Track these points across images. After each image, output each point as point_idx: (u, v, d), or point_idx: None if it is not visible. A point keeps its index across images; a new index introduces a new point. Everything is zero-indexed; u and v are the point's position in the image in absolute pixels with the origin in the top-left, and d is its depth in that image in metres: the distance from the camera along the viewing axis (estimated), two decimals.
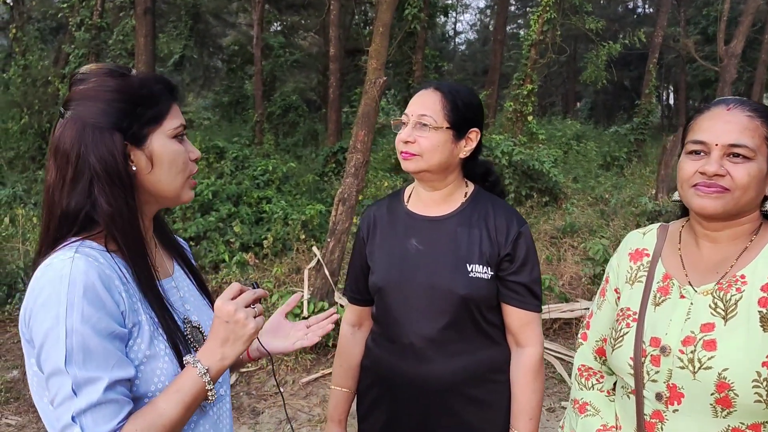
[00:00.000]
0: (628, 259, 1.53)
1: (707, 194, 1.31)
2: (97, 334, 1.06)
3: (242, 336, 1.18)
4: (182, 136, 1.27)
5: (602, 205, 9.60)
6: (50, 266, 1.10)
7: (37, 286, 1.09)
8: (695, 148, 1.34)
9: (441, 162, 1.69)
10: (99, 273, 1.10)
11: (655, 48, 15.51)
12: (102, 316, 1.07)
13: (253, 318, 1.18)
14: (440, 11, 16.10)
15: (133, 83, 1.20)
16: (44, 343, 1.06)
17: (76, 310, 1.05)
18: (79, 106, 1.17)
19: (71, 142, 1.15)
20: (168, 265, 1.37)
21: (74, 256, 1.10)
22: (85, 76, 1.20)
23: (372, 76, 4.93)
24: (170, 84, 1.27)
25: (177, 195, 1.26)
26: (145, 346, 1.15)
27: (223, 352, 1.18)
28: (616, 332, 1.46)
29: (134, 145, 1.19)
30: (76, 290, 1.06)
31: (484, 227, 1.73)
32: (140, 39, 6.59)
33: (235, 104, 20.49)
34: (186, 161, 1.26)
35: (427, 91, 1.74)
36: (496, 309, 1.75)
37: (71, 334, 1.04)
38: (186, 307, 1.33)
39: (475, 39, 36.34)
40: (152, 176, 1.21)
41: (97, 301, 1.08)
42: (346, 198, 5.01)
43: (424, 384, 1.72)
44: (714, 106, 1.36)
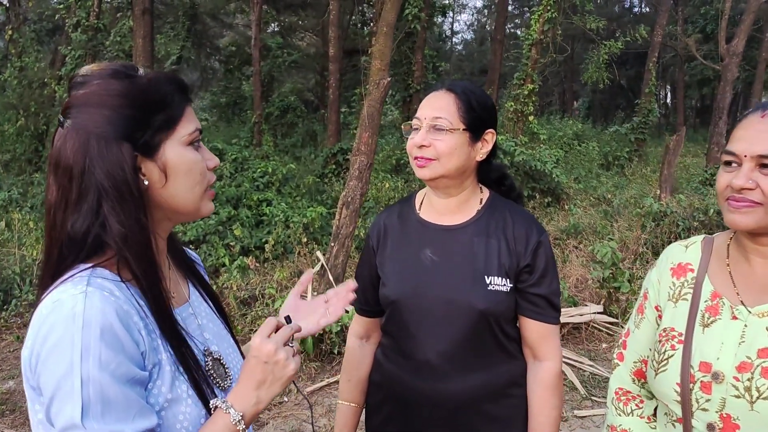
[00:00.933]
0: (670, 274, 1.43)
1: (737, 209, 1.22)
2: (116, 382, 0.93)
3: (281, 377, 1.06)
4: (198, 142, 1.13)
5: (605, 205, 9.53)
6: (60, 302, 0.95)
7: (45, 326, 0.94)
8: (727, 159, 1.25)
9: (458, 166, 1.60)
10: (116, 310, 0.96)
11: (655, 47, 15.44)
12: (122, 360, 0.94)
13: (292, 358, 1.07)
14: (438, 11, 16.01)
15: (141, 85, 1.06)
16: (56, 394, 0.92)
17: (92, 355, 0.91)
18: (81, 114, 1.02)
19: (74, 155, 1.01)
20: (183, 288, 1.24)
21: (87, 290, 0.95)
22: (87, 79, 1.05)
23: (376, 76, 4.83)
24: (183, 84, 1.13)
25: (195, 209, 1.12)
26: (166, 388, 1.03)
27: (259, 396, 1.05)
28: (660, 354, 1.36)
29: (145, 156, 1.05)
30: (92, 332, 0.92)
31: (503, 237, 1.63)
32: (138, 40, 6.49)
33: (233, 105, 20.40)
34: (204, 170, 1.12)
35: (439, 93, 1.64)
36: (513, 322, 1.67)
37: (88, 383, 0.90)
38: (205, 336, 1.21)
39: (472, 39, 36.29)
40: (167, 190, 1.08)
41: (116, 343, 0.94)
42: (350, 201, 4.92)
43: (441, 401, 1.63)
44: (751, 113, 1.26)
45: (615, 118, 23.79)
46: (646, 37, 12.48)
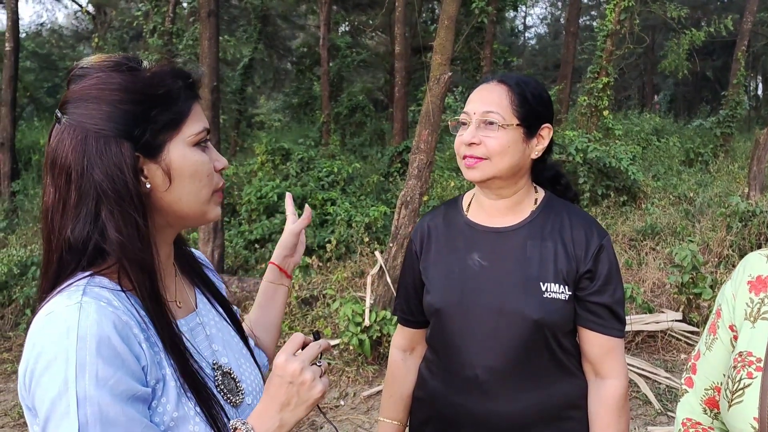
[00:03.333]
0: (748, 288, 1.21)
1: None
2: (115, 400, 0.84)
3: (308, 400, 0.97)
4: (205, 142, 1.04)
5: (686, 204, 8.96)
6: (53, 315, 0.88)
7: (39, 342, 0.86)
8: None
9: (512, 165, 1.45)
10: (114, 321, 0.88)
11: (744, 35, 14.46)
12: (121, 376, 0.86)
13: (320, 379, 0.98)
14: (509, 5, 15.61)
15: (144, 79, 0.97)
16: (50, 416, 0.83)
17: (88, 371, 0.83)
18: (79, 109, 0.94)
19: (72, 155, 0.93)
20: (191, 296, 1.15)
21: (82, 301, 0.88)
22: (86, 72, 0.97)
23: (436, 72, 4.66)
24: (191, 78, 1.04)
25: (201, 214, 1.04)
26: (171, 406, 0.94)
27: (282, 418, 0.97)
28: (734, 383, 1.15)
29: (148, 156, 0.97)
30: (87, 346, 0.84)
31: (560, 240, 1.47)
32: (204, 42, 6.58)
33: (305, 105, 20.62)
34: (210, 173, 1.04)
35: (490, 85, 1.49)
36: (571, 334, 1.50)
37: (84, 403, 0.82)
38: (214, 348, 1.12)
39: (546, 33, 35.39)
40: (170, 194, 0.99)
41: (114, 357, 0.86)
42: (409, 201, 4.77)
43: (489, 423, 1.48)
44: None
45: (699, 112, 22.56)
46: (732, 29, 11.68)
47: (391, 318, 4.59)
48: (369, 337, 4.54)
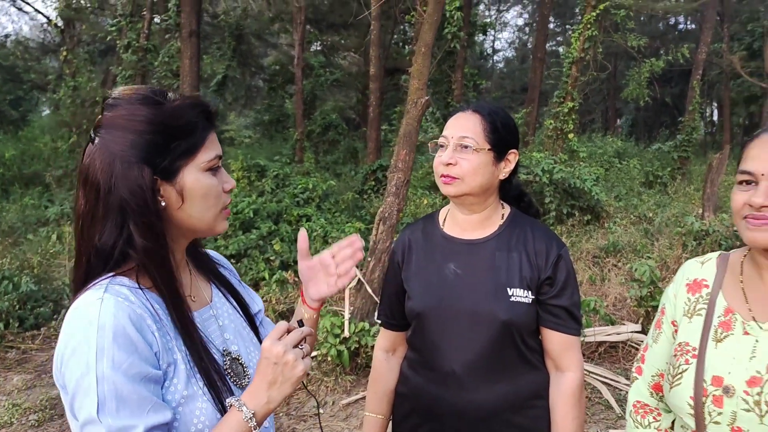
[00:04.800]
0: (686, 290, 1.48)
1: (757, 227, 1.26)
2: (129, 380, 1.02)
3: (291, 378, 1.13)
4: (218, 168, 1.21)
5: (646, 223, 9.39)
6: (79, 309, 1.06)
7: (68, 331, 1.05)
8: (744, 179, 1.29)
9: (482, 184, 1.67)
10: (129, 314, 1.05)
11: (699, 64, 15.19)
12: (134, 360, 1.03)
13: (301, 359, 1.14)
14: (479, 30, 16.10)
15: (166, 112, 1.13)
16: (76, 392, 1.02)
17: (106, 356, 1.01)
18: (109, 135, 1.11)
19: (101, 174, 1.11)
20: (206, 292, 1.33)
21: (103, 296, 1.05)
22: (117, 102, 1.14)
23: (414, 96, 4.94)
24: (209, 110, 1.20)
25: (209, 228, 1.22)
26: (182, 386, 1.11)
27: (270, 395, 1.13)
28: (675, 368, 1.41)
29: (164, 179, 1.13)
30: (105, 335, 1.02)
31: (524, 250, 1.70)
32: (185, 61, 6.75)
33: (276, 123, 20.80)
34: (219, 194, 1.20)
35: (465, 113, 1.72)
36: (535, 333, 1.72)
37: (102, 382, 1.00)
38: (225, 337, 1.29)
39: (514, 57, 36.23)
40: (183, 211, 1.16)
41: (128, 344, 1.03)
42: (387, 217, 5.01)
43: (466, 412, 1.69)
44: (764, 133, 1.31)
45: (659, 136, 23.38)
46: (688, 56, 12.31)
47: (369, 329, 4.79)
48: (347, 348, 4.73)
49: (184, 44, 6.87)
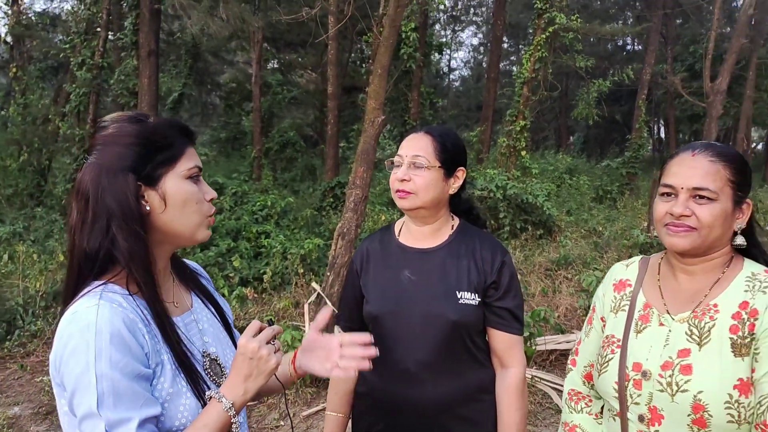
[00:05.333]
0: (613, 289, 1.67)
1: (676, 233, 1.45)
2: (125, 377, 1.13)
3: (264, 371, 1.25)
4: (197, 177, 1.32)
5: (596, 237, 9.76)
6: (77, 314, 1.16)
7: (66, 334, 1.15)
8: (665, 191, 1.49)
9: (434, 198, 1.85)
10: (123, 318, 1.17)
11: (644, 84, 15.88)
12: (129, 360, 1.14)
13: (273, 354, 1.26)
14: (435, 49, 16.47)
15: (149, 128, 1.27)
16: (76, 388, 1.12)
17: (104, 356, 1.12)
18: (101, 152, 1.25)
19: (89, 184, 1.23)
20: (186, 298, 1.44)
21: (99, 303, 1.16)
22: (108, 124, 1.28)
23: (371, 115, 5.11)
24: (186, 129, 1.34)
25: (192, 234, 1.31)
26: (168, 384, 1.22)
27: (246, 387, 1.25)
28: (602, 358, 1.59)
29: (148, 185, 1.25)
30: (103, 338, 1.13)
31: (471, 258, 1.87)
32: (143, 80, 6.79)
33: (233, 140, 20.76)
34: (200, 201, 1.31)
35: (418, 135, 1.91)
36: (482, 333, 1.89)
37: (101, 380, 1.11)
38: (205, 340, 1.40)
39: (469, 75, 36.97)
40: (165, 216, 1.27)
41: (123, 346, 1.14)
42: (346, 232, 5.15)
43: (419, 405, 1.84)
44: (682, 152, 1.51)
45: (610, 153, 24.19)
46: (633, 77, 12.89)
47: None
48: None
49: (143, 64, 6.91)
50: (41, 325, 6.06)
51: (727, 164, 1.45)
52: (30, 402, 4.89)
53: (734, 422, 1.35)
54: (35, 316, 6.20)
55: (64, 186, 12.43)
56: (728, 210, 1.44)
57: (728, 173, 1.44)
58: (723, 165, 1.44)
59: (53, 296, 6.58)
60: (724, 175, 1.44)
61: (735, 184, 1.44)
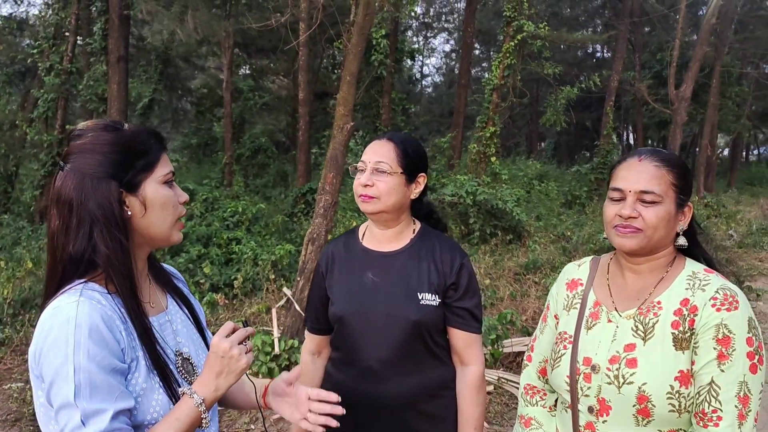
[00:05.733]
0: (565, 288, 1.75)
1: (624, 234, 1.54)
2: (101, 371, 1.18)
3: (235, 370, 1.31)
4: (171, 182, 1.39)
5: (564, 242, 9.93)
6: (58, 309, 1.21)
7: (46, 327, 1.20)
8: (614, 195, 1.57)
9: (396, 203, 1.91)
10: (102, 314, 1.22)
11: (612, 91, 16.21)
12: (105, 354, 1.19)
13: (244, 354, 1.32)
14: (407, 55, 16.61)
15: (126, 136, 1.33)
16: (54, 379, 1.17)
17: (82, 349, 1.17)
18: (78, 159, 1.29)
19: (73, 191, 1.27)
20: (162, 300, 1.50)
21: (79, 299, 1.22)
22: (83, 132, 1.32)
23: (340, 122, 5.17)
24: (160, 136, 1.41)
25: (167, 236, 1.38)
26: (142, 379, 1.28)
27: (217, 384, 1.31)
28: (555, 354, 1.66)
29: (129, 191, 1.31)
30: (82, 332, 1.18)
31: (432, 260, 1.94)
32: (113, 86, 6.75)
33: (204, 146, 20.63)
34: (176, 204, 1.39)
35: (381, 141, 1.98)
36: (443, 332, 1.96)
37: (79, 371, 1.16)
38: (178, 340, 1.46)
39: (441, 82, 37.23)
40: (145, 219, 1.33)
41: (101, 340, 1.20)
42: (315, 238, 5.18)
43: (382, 402, 1.90)
44: (629, 158, 1.59)
45: (580, 159, 24.58)
46: (599, 84, 13.16)
47: (299, 347, 4.93)
48: (278, 366, 4.85)
49: (112, 69, 6.87)
50: (9, 332, 5.98)
51: (671, 169, 1.53)
52: None
53: (675, 411, 1.43)
54: (3, 324, 6.11)
55: (31, 193, 12.25)
56: (671, 212, 1.52)
57: (672, 177, 1.53)
58: (667, 170, 1.53)
59: (21, 304, 6.50)
60: (668, 179, 1.52)
61: (678, 188, 1.53)
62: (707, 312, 1.44)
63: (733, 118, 21.66)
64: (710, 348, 1.42)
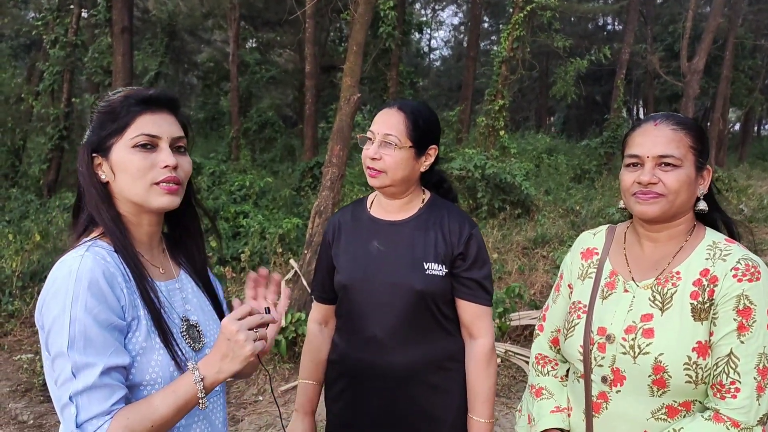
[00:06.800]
0: (580, 257, 1.70)
1: (645, 201, 1.48)
2: (97, 324, 1.18)
3: (239, 356, 1.24)
4: (148, 145, 1.31)
5: (573, 216, 9.86)
6: (63, 262, 1.24)
7: (51, 279, 1.23)
8: (631, 161, 1.52)
9: (404, 177, 1.86)
10: (103, 270, 1.23)
11: (623, 64, 15.96)
12: (103, 308, 1.20)
13: (252, 341, 1.25)
14: (415, 28, 16.38)
15: (108, 102, 1.34)
16: (51, 328, 1.19)
17: (80, 301, 1.18)
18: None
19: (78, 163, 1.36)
20: (174, 268, 1.48)
21: (84, 254, 1.24)
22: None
23: (346, 93, 5.09)
24: (142, 97, 1.33)
25: (143, 201, 1.31)
26: (142, 338, 1.27)
27: (221, 366, 1.25)
28: (569, 323, 1.62)
29: (102, 156, 1.32)
30: (81, 284, 1.19)
31: (440, 230, 1.89)
32: (117, 57, 6.68)
33: (211, 120, 20.54)
34: (145, 168, 1.30)
35: (391, 110, 1.89)
36: (450, 303, 1.90)
37: (74, 322, 1.17)
38: (186, 307, 1.44)
39: (450, 55, 36.85)
40: (117, 185, 1.33)
41: (100, 294, 1.20)
42: (323, 210, 5.15)
43: (387, 372, 1.87)
44: (644, 123, 1.54)
45: (589, 133, 24.33)
46: (610, 57, 12.95)
47: (305, 319, 4.92)
48: (285, 338, 4.85)
49: (116, 41, 6.80)
50: (18, 305, 6.01)
51: (688, 132, 1.48)
52: (8, 380, 4.86)
53: (692, 383, 1.39)
54: (12, 296, 6.14)
55: (39, 166, 12.25)
56: (692, 175, 1.47)
57: (690, 140, 1.47)
58: (684, 133, 1.48)
59: (30, 276, 6.52)
60: (686, 142, 1.47)
61: (696, 150, 1.48)
62: (728, 282, 1.40)
63: (745, 92, 21.33)
64: (730, 319, 1.38)
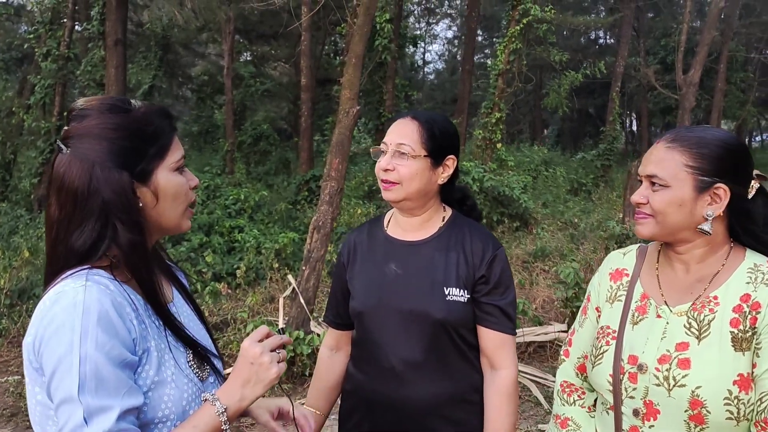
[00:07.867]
0: (609, 278, 1.58)
1: (637, 221, 1.44)
2: (110, 362, 1.05)
3: (264, 379, 1.17)
4: (183, 167, 1.27)
5: (572, 229, 9.78)
6: (62, 294, 1.09)
7: (49, 314, 1.07)
8: (639, 179, 1.46)
9: (419, 189, 1.72)
10: (112, 300, 1.10)
11: (617, 77, 15.98)
12: (115, 343, 1.07)
13: (276, 363, 1.18)
14: (409, 42, 16.37)
15: (136, 119, 1.20)
16: (56, 370, 1.04)
17: (90, 337, 1.04)
18: (83, 144, 1.16)
19: (78, 180, 1.15)
20: (168, 291, 1.37)
21: (86, 284, 1.09)
22: (85, 112, 1.18)
23: (345, 106, 5.00)
24: (171, 115, 1.28)
25: (177, 225, 1.27)
26: (153, 372, 1.15)
27: (243, 393, 1.17)
28: (596, 350, 1.51)
29: (140, 181, 1.19)
30: (90, 317, 1.06)
31: (461, 250, 1.75)
32: (111, 70, 6.58)
33: (205, 133, 20.45)
34: (187, 191, 1.27)
35: (404, 120, 1.77)
36: (474, 331, 1.76)
37: (85, 362, 1.03)
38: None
39: (444, 68, 36.93)
40: (156, 210, 1.22)
41: (111, 328, 1.07)
42: (321, 225, 5.03)
43: (405, 407, 1.73)
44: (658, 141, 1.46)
45: (584, 146, 24.35)
46: (604, 71, 12.95)
47: (304, 338, 4.79)
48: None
49: (110, 53, 6.70)
50: (6, 323, 5.85)
51: (685, 149, 1.38)
52: None
53: (733, 419, 1.28)
54: None
55: (29, 180, 12.10)
56: (686, 196, 1.37)
57: (686, 158, 1.37)
58: (680, 150, 1.38)
59: (18, 294, 6.37)
60: (679, 161, 1.37)
61: (694, 168, 1.37)
62: None
63: (738, 104, 21.40)
64: None
